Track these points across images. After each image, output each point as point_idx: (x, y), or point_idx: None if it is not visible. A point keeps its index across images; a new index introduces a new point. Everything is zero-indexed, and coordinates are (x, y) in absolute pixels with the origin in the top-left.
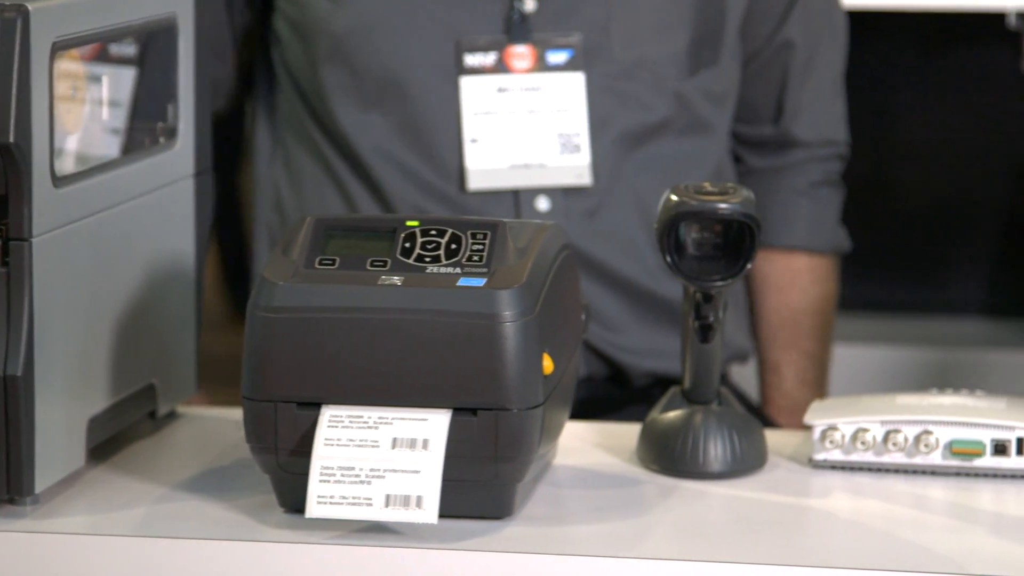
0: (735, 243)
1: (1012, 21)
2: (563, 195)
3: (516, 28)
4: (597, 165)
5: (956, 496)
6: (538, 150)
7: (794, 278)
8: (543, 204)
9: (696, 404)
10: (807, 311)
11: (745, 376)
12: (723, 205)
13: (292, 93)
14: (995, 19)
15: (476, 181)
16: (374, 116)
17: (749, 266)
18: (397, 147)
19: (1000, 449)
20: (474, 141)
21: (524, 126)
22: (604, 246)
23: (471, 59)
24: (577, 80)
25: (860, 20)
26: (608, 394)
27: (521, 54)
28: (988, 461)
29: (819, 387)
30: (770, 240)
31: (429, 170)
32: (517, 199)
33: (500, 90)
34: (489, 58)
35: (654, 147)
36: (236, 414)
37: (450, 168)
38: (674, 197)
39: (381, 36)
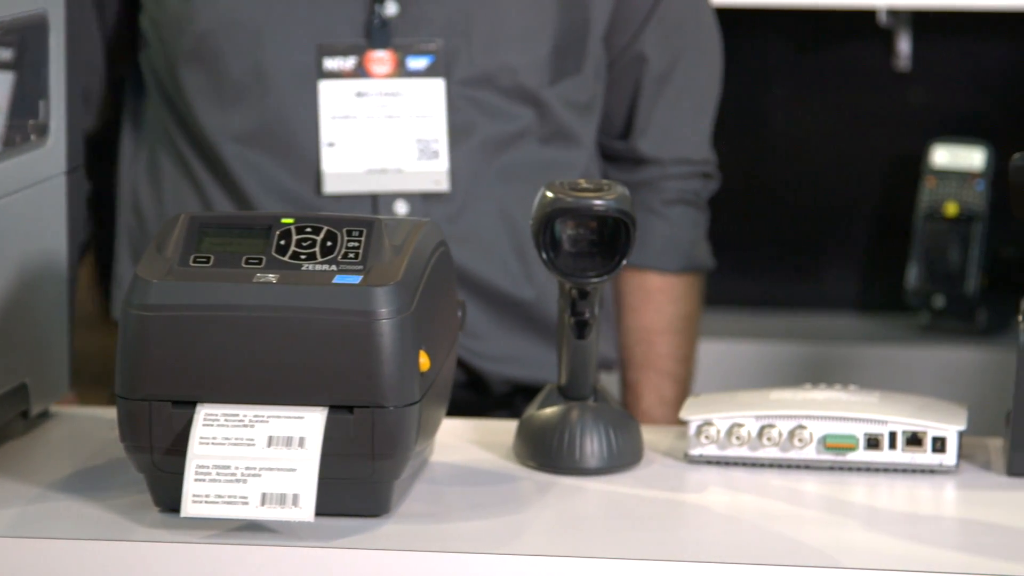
0: (610, 239)
1: (883, 18)
2: (422, 200)
3: (376, 33)
4: (457, 171)
5: (830, 490)
6: (396, 155)
7: (648, 298)
8: (401, 209)
9: (572, 400)
10: (663, 331)
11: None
12: (598, 201)
13: (156, 94)
14: (866, 16)
15: (332, 185)
16: (233, 117)
17: (625, 262)
18: (255, 149)
19: (873, 443)
20: (331, 145)
21: (382, 131)
22: (464, 252)
23: (330, 63)
24: (437, 86)
25: (732, 17)
26: (467, 401)
27: (381, 59)
28: (861, 455)
29: (678, 406)
30: None
31: (286, 173)
32: (375, 203)
33: (359, 94)
34: (349, 62)
35: (516, 154)
36: (110, 413)
37: (307, 171)
38: (549, 194)
39: (242, 36)
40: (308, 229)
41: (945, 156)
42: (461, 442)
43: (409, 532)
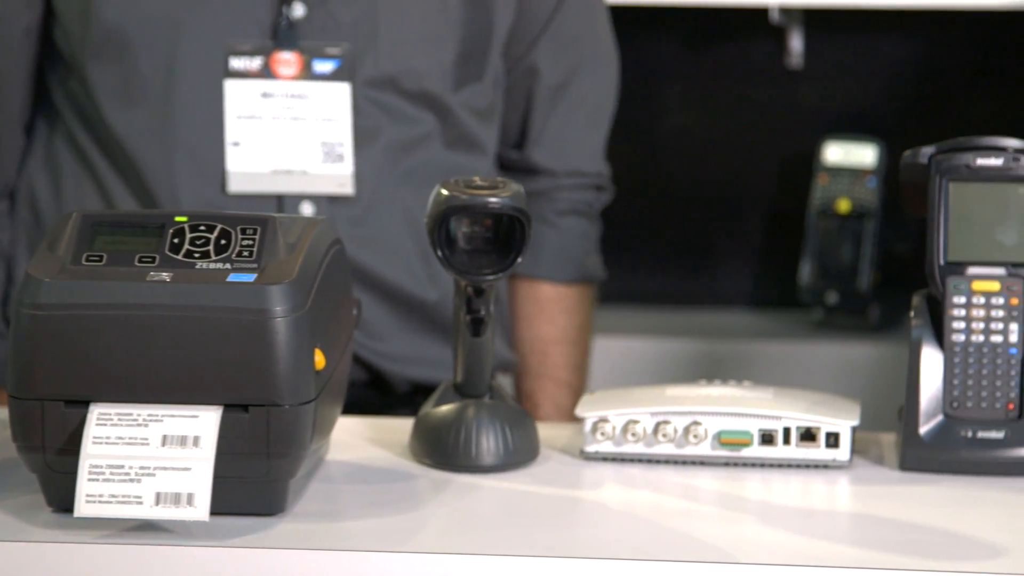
0: (506, 237)
1: (775, 16)
2: (328, 202)
3: (283, 34)
4: (362, 174)
5: (725, 486)
6: (301, 157)
7: (541, 308)
8: (307, 210)
9: (468, 398)
10: (556, 340)
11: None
12: (493, 199)
13: (61, 92)
14: (758, 14)
15: (237, 184)
16: (139, 114)
17: (520, 259)
18: (160, 146)
19: (767, 439)
20: (236, 144)
21: (288, 133)
22: (369, 253)
23: (237, 63)
24: (342, 90)
25: (626, 16)
26: (369, 400)
27: (287, 61)
28: (755, 451)
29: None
30: (515, 269)
31: (191, 171)
32: (281, 204)
33: (264, 95)
34: (255, 63)
35: (420, 158)
36: (1, 413)
37: (212, 170)
38: (444, 192)
39: (149, 33)
40: (202, 227)
41: (837, 153)
42: (357, 440)
43: (304, 531)
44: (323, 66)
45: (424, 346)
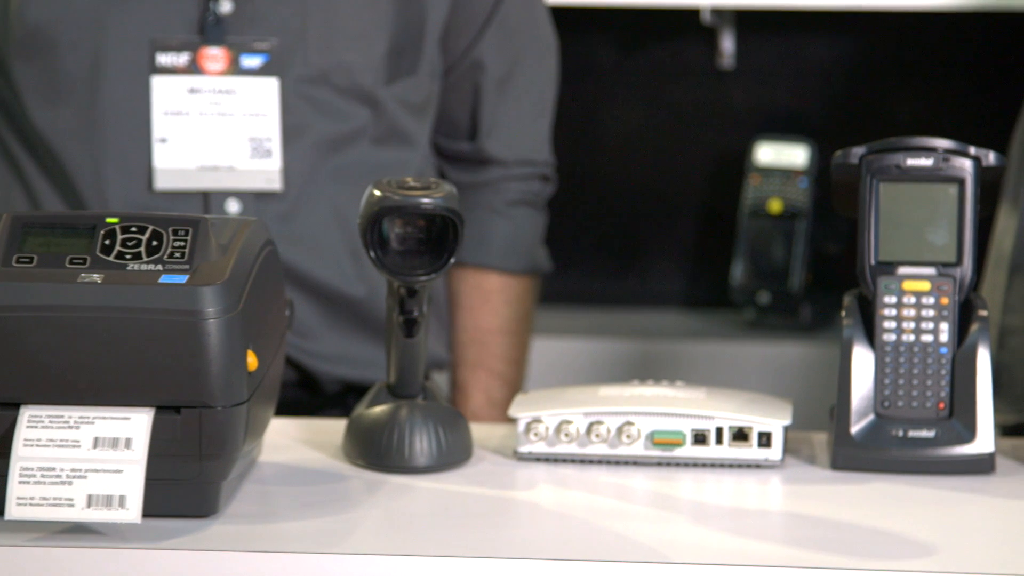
0: (438, 238)
1: (707, 17)
2: (254, 199)
3: (211, 30)
4: (290, 170)
5: (658, 486)
6: (228, 153)
7: (485, 298)
8: (233, 207)
9: (401, 399)
10: (497, 331)
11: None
12: (426, 200)
13: None
14: (690, 15)
15: (164, 181)
16: (64, 113)
17: (453, 260)
18: (87, 145)
19: (700, 439)
20: (163, 141)
21: (215, 129)
22: (297, 251)
23: (163, 58)
24: (271, 85)
25: (558, 17)
26: (299, 400)
27: (214, 56)
28: (688, 451)
29: (507, 408)
30: (463, 258)
31: (118, 169)
32: (207, 201)
33: (192, 91)
34: (182, 58)
35: (351, 154)
36: None
37: (139, 167)
38: (377, 192)
39: (74, 31)
40: (133, 228)
41: (769, 153)
42: (290, 441)
43: (237, 532)
44: (251, 61)
45: (354, 345)
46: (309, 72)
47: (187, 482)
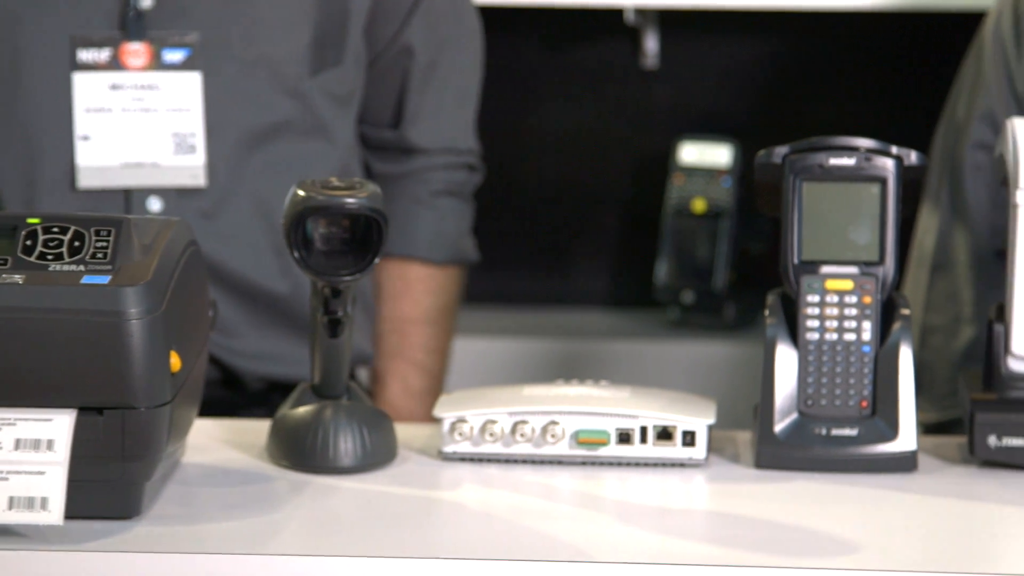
0: (363, 238)
1: (630, 17)
2: (177, 196)
3: (132, 25)
4: (214, 166)
5: (582, 485)
6: (151, 149)
7: (407, 287)
8: (155, 205)
9: (326, 399)
10: (418, 321)
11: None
12: (350, 200)
13: None
14: (614, 15)
15: (87, 179)
16: None
17: (377, 260)
18: (7, 143)
19: (624, 438)
20: (85, 138)
21: (138, 125)
22: (221, 248)
23: (85, 55)
24: (194, 79)
25: (483, 16)
26: (221, 398)
27: (136, 51)
28: (613, 450)
29: (425, 399)
30: (387, 249)
31: (40, 167)
32: (128, 199)
33: (113, 87)
34: (103, 54)
35: (276, 148)
36: None
37: (61, 165)
38: (301, 192)
39: None
40: (55, 229)
41: (692, 153)
42: (213, 443)
43: (161, 534)
44: (173, 56)
45: (277, 343)
46: (232, 66)
47: (110, 483)
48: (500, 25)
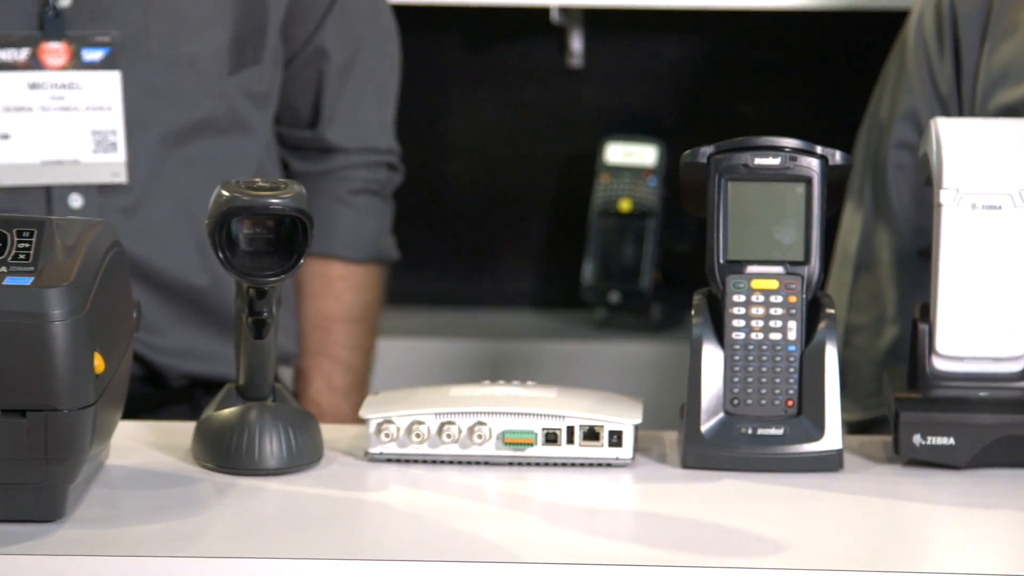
0: (288, 238)
1: (555, 16)
2: (98, 193)
3: (50, 24)
4: (135, 163)
5: (509, 485)
6: (72, 147)
7: (328, 285)
8: (76, 202)
9: (251, 400)
10: (339, 318)
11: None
12: (275, 200)
13: None
14: (539, 14)
15: (7, 177)
16: None
17: (302, 261)
18: None
19: (551, 438)
20: (5, 137)
21: (58, 123)
22: (142, 244)
23: (3, 54)
24: (113, 78)
25: (406, 15)
26: (144, 395)
27: (55, 51)
28: (539, 450)
29: (349, 396)
30: None
31: None
32: (49, 196)
33: (33, 86)
34: (22, 54)
35: (196, 145)
36: None
37: None
38: (225, 192)
39: None
40: None
41: (618, 153)
42: (138, 444)
43: (84, 537)
44: (92, 55)
45: (200, 339)
46: (152, 64)
47: (33, 486)
48: (424, 25)
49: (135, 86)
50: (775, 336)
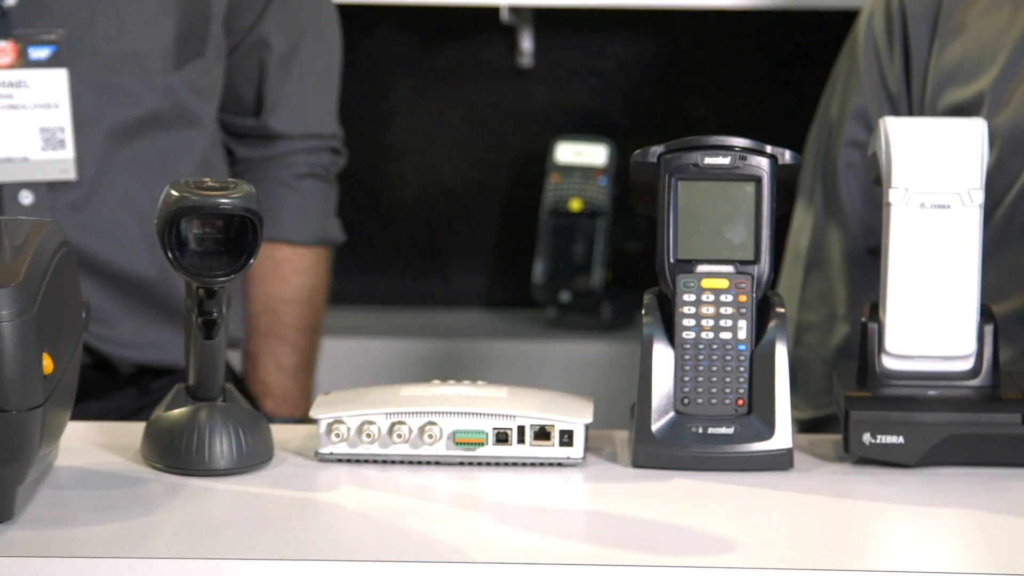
0: (237, 238)
1: (505, 15)
2: (47, 189)
3: None
4: (83, 159)
5: (460, 485)
6: (21, 145)
7: (276, 268)
8: (27, 199)
9: (201, 401)
10: (288, 300)
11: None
12: (224, 200)
13: None
14: (490, 13)
15: None
16: None
17: (252, 261)
18: None
19: (502, 438)
20: None
21: (6, 121)
22: (91, 237)
23: None
24: (60, 76)
25: (355, 14)
26: (93, 381)
27: (2, 49)
28: (490, 450)
29: (298, 376)
30: None
31: None
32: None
33: None
34: None
35: (143, 141)
36: None
37: None
38: (174, 192)
39: None
40: None
41: (569, 153)
42: (87, 445)
43: (33, 538)
44: (39, 53)
45: (149, 329)
46: (98, 62)
47: None
48: (375, 24)
49: (82, 83)
50: (725, 335)
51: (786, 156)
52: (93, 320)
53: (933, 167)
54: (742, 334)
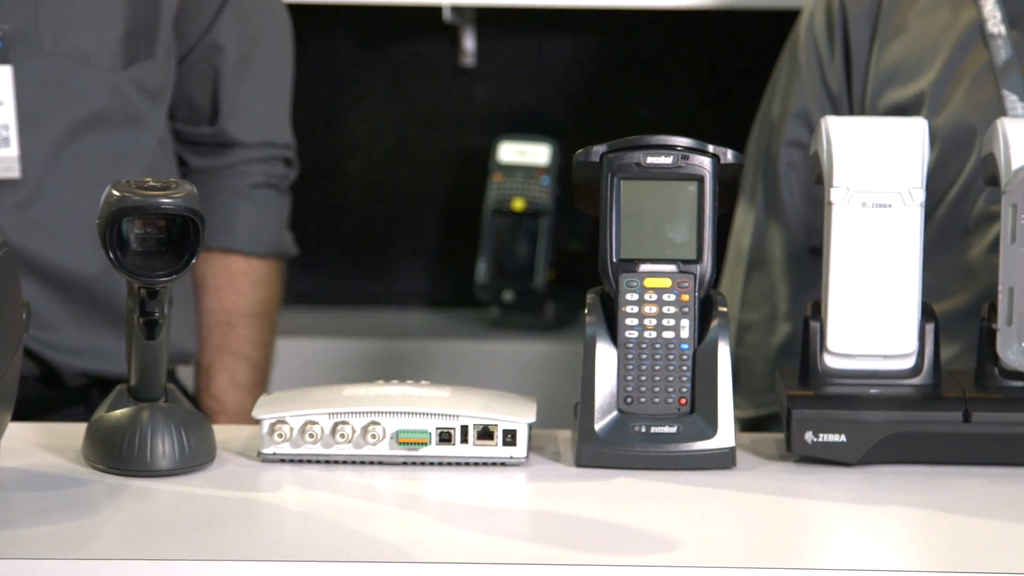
0: (179, 238)
1: (448, 15)
2: None
3: None
4: (28, 158)
5: (403, 485)
6: None
7: (230, 280)
8: None
9: (143, 401)
10: (242, 314)
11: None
12: (166, 200)
13: None
14: (432, 12)
15: None
16: None
17: (194, 261)
18: None
19: (445, 437)
20: None
21: None
22: (37, 239)
23: None
24: (4, 73)
25: (299, 13)
26: (40, 395)
27: None
28: (433, 450)
29: (253, 391)
30: (208, 242)
31: None
32: None
33: None
34: None
35: (90, 139)
36: None
37: None
38: (116, 192)
39: None
40: None
41: (511, 152)
42: (28, 446)
43: None
44: None
45: (96, 337)
46: (43, 59)
47: None
48: (317, 23)
49: (27, 80)
50: (668, 334)
51: (728, 155)
52: (38, 325)
53: (874, 166)
54: (685, 333)
